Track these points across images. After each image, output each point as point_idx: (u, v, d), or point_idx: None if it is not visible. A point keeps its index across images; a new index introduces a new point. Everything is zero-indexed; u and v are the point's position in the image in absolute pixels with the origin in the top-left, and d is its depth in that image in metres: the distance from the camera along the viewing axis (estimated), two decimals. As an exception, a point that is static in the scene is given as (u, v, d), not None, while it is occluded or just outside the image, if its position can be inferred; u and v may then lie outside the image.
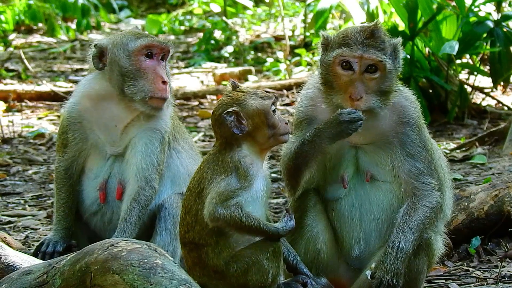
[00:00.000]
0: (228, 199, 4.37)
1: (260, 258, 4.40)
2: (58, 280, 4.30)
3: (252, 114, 4.50)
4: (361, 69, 4.76)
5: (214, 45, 16.35)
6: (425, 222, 4.78)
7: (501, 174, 8.03)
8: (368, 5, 12.98)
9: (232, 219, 4.35)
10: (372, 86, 4.77)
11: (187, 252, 4.51)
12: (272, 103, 4.54)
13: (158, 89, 5.53)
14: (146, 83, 5.53)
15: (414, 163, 4.83)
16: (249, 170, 4.44)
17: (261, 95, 4.55)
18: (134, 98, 5.53)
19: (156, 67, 5.57)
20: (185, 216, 4.51)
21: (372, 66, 4.76)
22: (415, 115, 4.91)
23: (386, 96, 4.80)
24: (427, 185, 4.82)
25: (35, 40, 18.48)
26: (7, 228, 7.13)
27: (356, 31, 4.82)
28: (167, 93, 5.57)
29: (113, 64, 5.57)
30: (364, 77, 4.76)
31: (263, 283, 4.41)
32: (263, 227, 4.41)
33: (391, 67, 4.80)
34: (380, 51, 4.77)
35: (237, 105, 4.49)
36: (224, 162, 4.46)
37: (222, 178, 4.42)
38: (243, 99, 4.51)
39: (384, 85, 4.79)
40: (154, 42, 5.59)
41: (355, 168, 4.91)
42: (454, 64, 10.46)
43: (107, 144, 5.69)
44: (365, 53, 4.75)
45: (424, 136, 4.93)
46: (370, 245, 4.90)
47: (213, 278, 4.44)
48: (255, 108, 4.49)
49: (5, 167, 9.26)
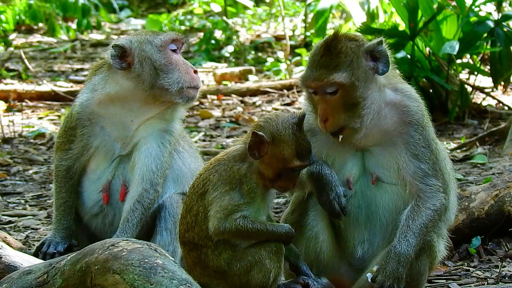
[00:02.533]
0: (232, 213, 4.37)
1: (262, 257, 4.40)
2: (58, 280, 4.30)
3: (276, 155, 4.40)
4: (321, 93, 4.72)
5: (214, 45, 16.35)
6: (428, 225, 4.76)
7: (502, 174, 8.02)
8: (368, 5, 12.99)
9: (238, 231, 4.36)
10: (336, 106, 4.71)
11: (186, 252, 4.51)
12: (302, 166, 4.43)
13: (194, 78, 5.67)
14: (181, 74, 5.64)
15: (419, 164, 4.79)
16: (254, 188, 4.42)
17: (302, 153, 4.39)
18: (170, 89, 5.59)
19: (183, 59, 5.74)
20: (185, 215, 4.51)
21: (330, 87, 4.71)
22: (418, 115, 4.84)
23: (357, 108, 4.71)
24: (431, 187, 4.79)
25: (35, 40, 18.49)
26: (8, 228, 7.13)
27: (315, 50, 4.76)
28: (200, 82, 5.74)
29: (144, 60, 5.60)
30: (326, 98, 4.72)
31: (265, 282, 4.41)
32: (271, 230, 4.41)
33: (349, 81, 4.68)
34: (334, 69, 4.67)
35: (271, 138, 4.41)
36: (232, 170, 4.44)
37: (227, 190, 4.41)
38: (281, 140, 4.39)
39: (349, 100, 4.71)
40: (179, 36, 5.77)
41: (362, 170, 4.88)
42: (454, 64, 10.46)
43: (117, 142, 5.68)
44: (315, 81, 4.69)
45: (429, 136, 4.86)
46: (374, 246, 4.88)
47: (214, 278, 4.44)
48: (282, 155, 4.40)
49: (6, 167, 9.26)
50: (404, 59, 10.23)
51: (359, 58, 4.73)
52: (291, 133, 4.40)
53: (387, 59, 4.77)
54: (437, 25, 10.26)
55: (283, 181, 4.44)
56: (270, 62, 14.96)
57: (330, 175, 4.77)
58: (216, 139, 10.63)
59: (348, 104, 4.71)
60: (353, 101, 4.71)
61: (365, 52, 4.75)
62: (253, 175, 4.43)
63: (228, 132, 10.98)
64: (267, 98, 12.84)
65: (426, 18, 10.08)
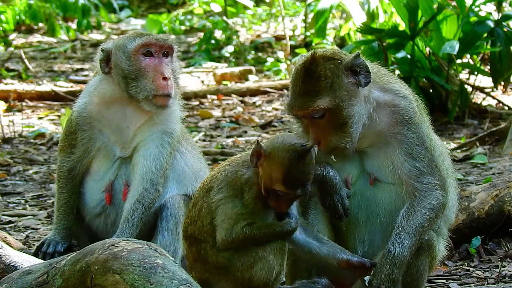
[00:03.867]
0: (237, 222, 4.39)
1: (266, 254, 4.42)
2: (58, 280, 4.29)
3: (266, 170, 4.38)
4: (309, 118, 4.74)
5: (214, 45, 16.35)
6: (425, 224, 4.74)
7: (502, 173, 8.03)
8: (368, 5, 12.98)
9: (246, 239, 4.38)
10: (326, 127, 4.73)
11: (188, 247, 4.53)
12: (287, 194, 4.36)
13: (160, 86, 5.50)
14: (148, 82, 5.51)
15: (414, 163, 4.78)
16: (253, 199, 4.42)
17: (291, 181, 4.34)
18: (138, 98, 5.53)
19: (157, 65, 5.55)
20: (191, 208, 4.55)
21: (316, 113, 4.71)
22: (409, 113, 4.82)
23: (347, 126, 4.72)
24: (427, 185, 4.78)
25: (35, 40, 18.49)
26: (8, 228, 7.13)
27: (295, 75, 4.73)
28: (170, 89, 5.52)
29: (116, 67, 5.58)
30: (315, 122, 4.73)
31: (268, 279, 4.42)
32: (278, 230, 4.42)
33: (333, 104, 4.67)
34: (317, 95, 4.67)
35: (269, 151, 4.39)
36: (236, 175, 4.46)
37: (230, 196, 4.43)
38: (277, 158, 4.36)
39: (337, 120, 4.72)
40: (151, 40, 5.57)
41: (360, 170, 4.89)
42: (454, 64, 10.46)
43: (117, 145, 5.68)
44: (301, 110, 4.70)
45: (422, 133, 4.83)
46: (374, 246, 4.88)
47: (215, 274, 4.45)
48: (270, 173, 4.37)
49: (6, 167, 9.26)
50: (404, 59, 10.24)
51: (340, 78, 4.72)
52: (287, 158, 4.37)
53: (367, 70, 4.75)
54: (437, 25, 10.27)
55: (273, 201, 4.44)
56: (270, 62, 14.96)
57: (334, 177, 4.78)
58: (216, 139, 10.63)
59: (337, 124, 4.73)
60: (341, 121, 4.72)
61: (344, 69, 4.73)
62: (253, 186, 4.44)
63: (228, 132, 10.99)
64: (267, 98, 12.85)
65: (426, 18, 10.08)
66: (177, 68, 5.73)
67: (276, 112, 12.03)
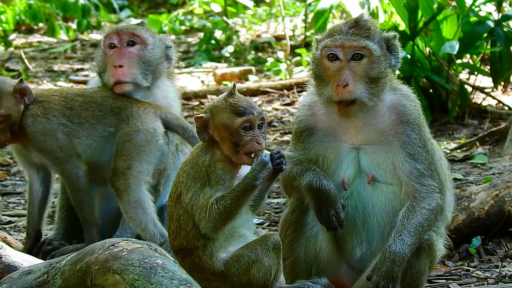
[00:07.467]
0: (207, 205, 4.36)
1: (260, 256, 4.39)
2: (58, 280, 4.29)
3: (219, 126, 4.45)
4: (347, 57, 4.74)
5: (214, 45, 16.34)
6: (424, 224, 4.75)
7: (502, 173, 8.03)
8: (368, 5, 12.97)
9: (223, 214, 4.34)
10: (359, 73, 4.74)
11: (181, 260, 4.47)
12: (247, 121, 4.42)
13: (111, 74, 5.59)
14: (108, 73, 5.61)
15: (415, 164, 4.78)
16: (221, 176, 4.41)
17: (238, 110, 4.44)
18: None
19: (114, 54, 5.61)
20: (169, 224, 4.50)
21: (357, 53, 4.74)
22: (414, 114, 4.85)
23: (375, 85, 4.76)
24: (427, 187, 4.79)
25: (35, 40, 18.48)
26: (8, 228, 7.13)
27: (341, 24, 4.84)
28: (120, 76, 5.55)
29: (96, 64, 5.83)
30: (350, 65, 4.74)
31: (266, 280, 4.40)
32: (244, 189, 4.35)
33: (378, 53, 4.76)
34: (365, 38, 4.75)
35: (210, 113, 4.48)
36: (197, 165, 4.44)
37: (199, 188, 4.40)
38: (218, 110, 4.47)
39: (372, 71, 4.75)
40: (111, 31, 5.67)
41: (357, 170, 4.87)
42: (454, 64, 10.46)
43: None
44: (347, 41, 4.74)
45: (425, 136, 4.87)
46: (372, 247, 4.87)
47: (213, 281, 4.42)
48: (222, 122, 4.44)
49: (6, 167, 9.26)
50: (404, 59, 10.21)
51: (380, 41, 4.82)
52: (223, 100, 4.47)
53: (399, 54, 4.87)
54: (437, 25, 10.27)
55: (245, 146, 4.41)
56: (270, 62, 14.96)
57: (330, 190, 4.75)
58: (216, 139, 10.61)
59: (370, 75, 4.75)
60: (375, 74, 4.76)
61: (383, 40, 4.83)
62: (216, 163, 4.43)
63: (228, 132, 10.96)
64: (267, 98, 12.84)
65: (426, 18, 10.08)
66: (152, 55, 5.73)
67: (276, 112, 12.03)
